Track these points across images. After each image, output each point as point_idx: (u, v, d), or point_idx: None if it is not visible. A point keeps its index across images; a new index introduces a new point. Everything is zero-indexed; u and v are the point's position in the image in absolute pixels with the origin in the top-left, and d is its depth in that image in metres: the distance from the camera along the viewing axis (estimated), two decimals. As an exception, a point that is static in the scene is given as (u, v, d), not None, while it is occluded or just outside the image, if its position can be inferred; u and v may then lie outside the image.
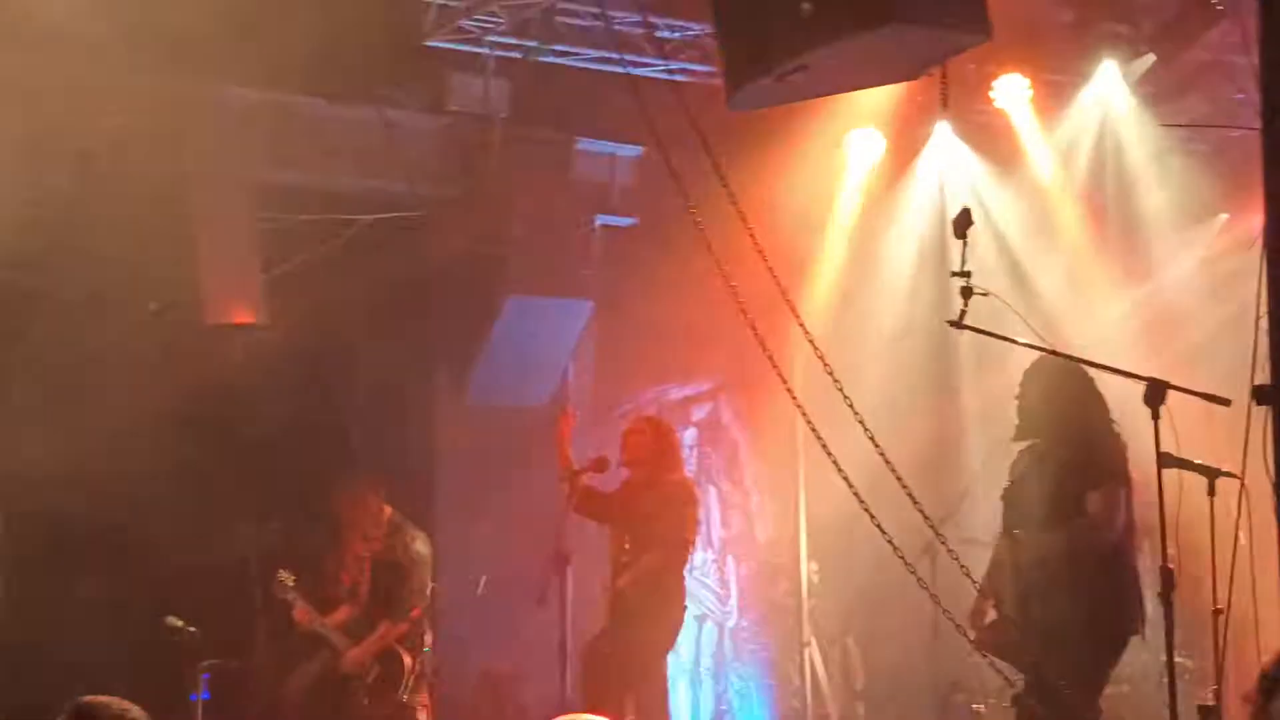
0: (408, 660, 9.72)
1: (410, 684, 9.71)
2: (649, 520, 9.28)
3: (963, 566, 7.11)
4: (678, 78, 9.02)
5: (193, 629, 9.38)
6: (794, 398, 7.00)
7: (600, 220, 11.10)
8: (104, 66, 8.86)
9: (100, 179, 9.23)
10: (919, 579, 6.81)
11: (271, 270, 10.36)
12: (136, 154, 9.29)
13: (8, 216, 8.71)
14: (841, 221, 10.75)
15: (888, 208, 10.81)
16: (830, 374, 6.95)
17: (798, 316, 7.00)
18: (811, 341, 6.87)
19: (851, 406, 6.77)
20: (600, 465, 9.48)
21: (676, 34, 9.57)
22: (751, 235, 6.91)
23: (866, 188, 10.72)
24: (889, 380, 10.37)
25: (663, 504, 9.31)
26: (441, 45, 10.11)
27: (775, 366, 6.75)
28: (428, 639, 9.91)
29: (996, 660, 7.42)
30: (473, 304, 10.79)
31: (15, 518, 9.12)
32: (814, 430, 6.92)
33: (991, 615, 7.96)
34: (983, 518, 9.93)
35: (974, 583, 7.89)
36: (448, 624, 10.31)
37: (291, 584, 9.79)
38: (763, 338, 7.12)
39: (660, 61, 7.80)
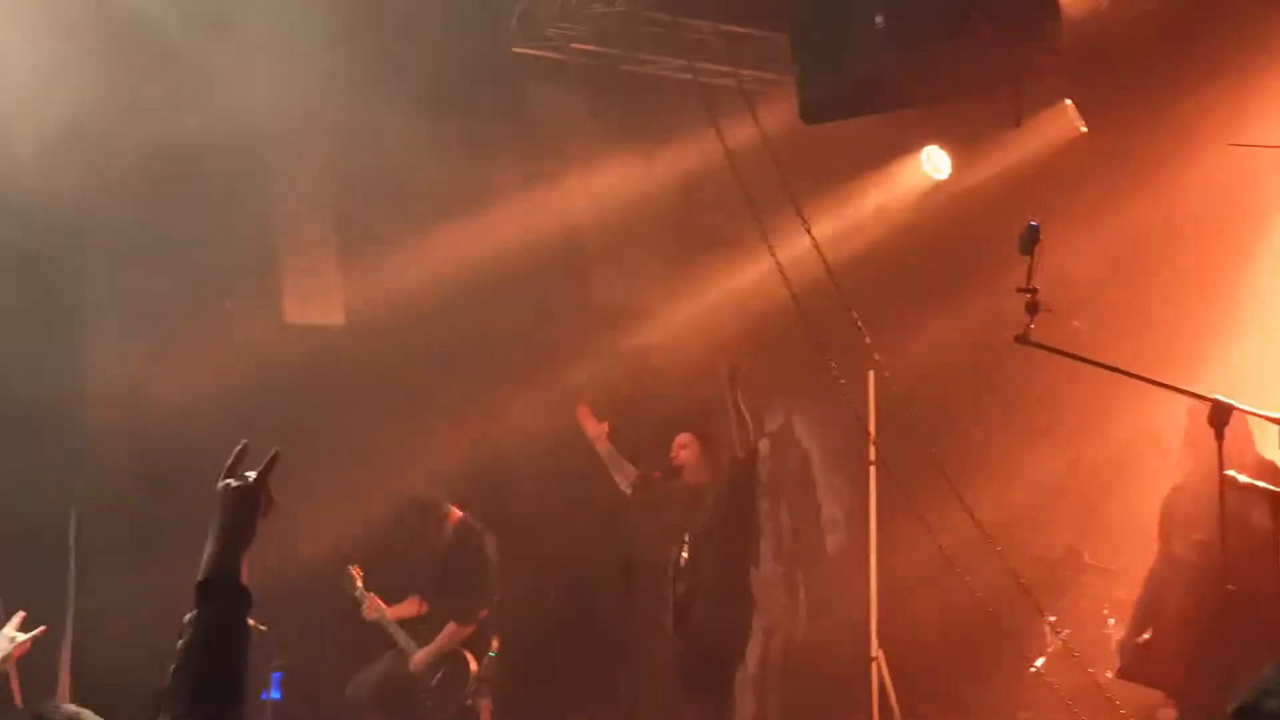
0: (473, 664, 9.76)
1: (474, 687, 9.76)
2: (709, 524, 9.33)
3: (1029, 591, 7.07)
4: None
5: (264, 628, 9.46)
6: (860, 417, 7.02)
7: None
8: (187, 68, 8.97)
9: (182, 177, 9.34)
10: (976, 594, 6.76)
11: (351, 271, 10.45)
12: (218, 154, 9.39)
13: (91, 215, 8.85)
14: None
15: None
16: (897, 393, 6.96)
17: (864, 333, 7.03)
18: (877, 359, 6.89)
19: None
20: (673, 474, 9.53)
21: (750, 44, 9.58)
22: (821, 255, 6.95)
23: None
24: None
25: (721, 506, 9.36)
26: (525, 52, 10.13)
27: (841, 381, 6.78)
28: (494, 643, 9.95)
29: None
30: (554, 303, 10.83)
31: (89, 514, 9.23)
32: (879, 452, 6.92)
33: (1145, 638, 7.96)
34: (1114, 544, 9.92)
35: (1040, 612, 7.89)
36: (515, 628, 10.34)
37: (360, 580, 9.87)
38: (830, 352, 7.17)
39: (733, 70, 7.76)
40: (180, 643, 3.33)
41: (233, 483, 3.50)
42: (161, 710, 3.23)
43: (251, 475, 3.52)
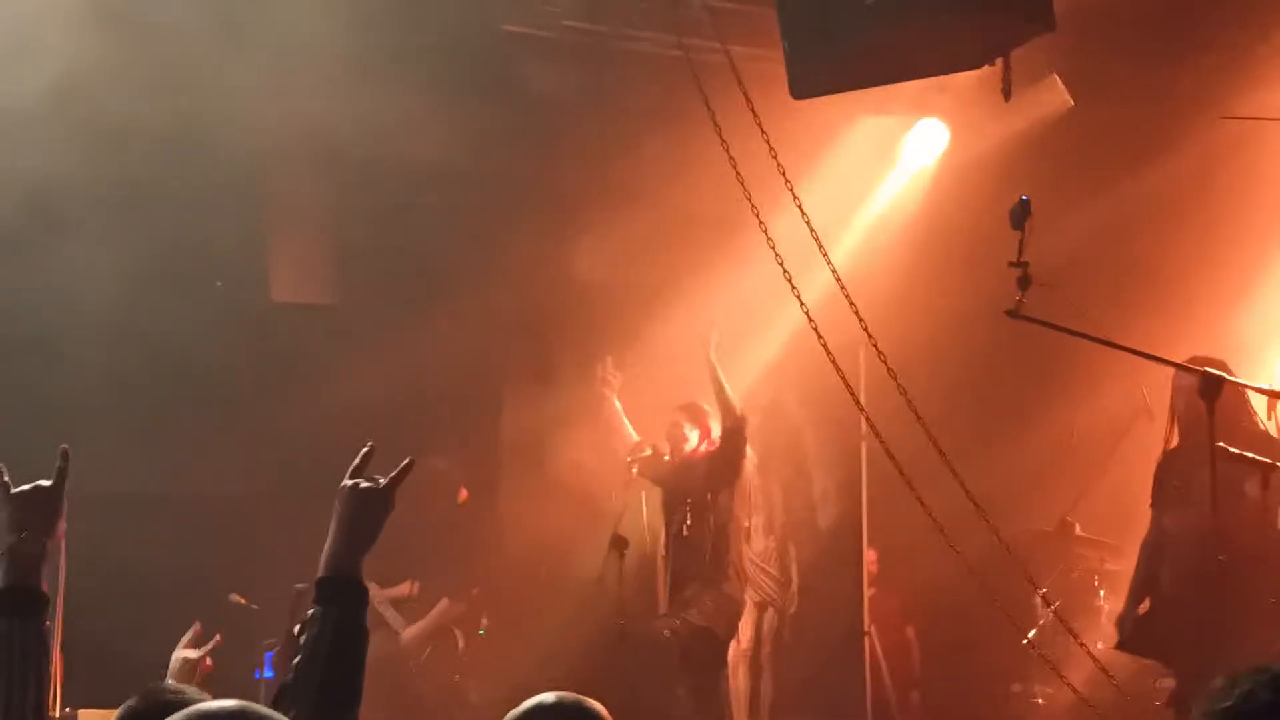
0: (461, 641, 9.77)
1: (463, 664, 9.78)
2: (701, 497, 9.38)
3: (1019, 562, 7.09)
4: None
5: (256, 606, 9.46)
6: (852, 392, 7.02)
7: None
8: (175, 47, 8.93)
9: (173, 158, 9.31)
10: (970, 567, 6.78)
11: (342, 250, 10.43)
12: (208, 132, 9.36)
13: (78, 192, 8.82)
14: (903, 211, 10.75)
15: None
16: (888, 367, 6.96)
17: (857, 312, 7.03)
18: (868, 333, 6.88)
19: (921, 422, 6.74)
20: (665, 449, 9.59)
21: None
22: (810, 227, 6.95)
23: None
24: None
25: (711, 483, 9.42)
26: (516, 29, 10.09)
27: (830, 356, 6.79)
28: (484, 620, 9.97)
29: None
30: (543, 289, 10.83)
31: (84, 498, 9.18)
32: (873, 427, 6.93)
33: (1144, 609, 8.02)
34: (1106, 515, 9.95)
35: (1033, 585, 7.91)
36: (510, 606, 10.35)
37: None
38: (821, 326, 7.16)
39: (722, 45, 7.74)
40: (303, 638, 3.37)
41: (362, 483, 3.52)
42: (284, 707, 3.26)
43: (381, 480, 3.54)
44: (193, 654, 6.82)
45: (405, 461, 3.58)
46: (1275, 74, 9.13)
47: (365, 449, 3.59)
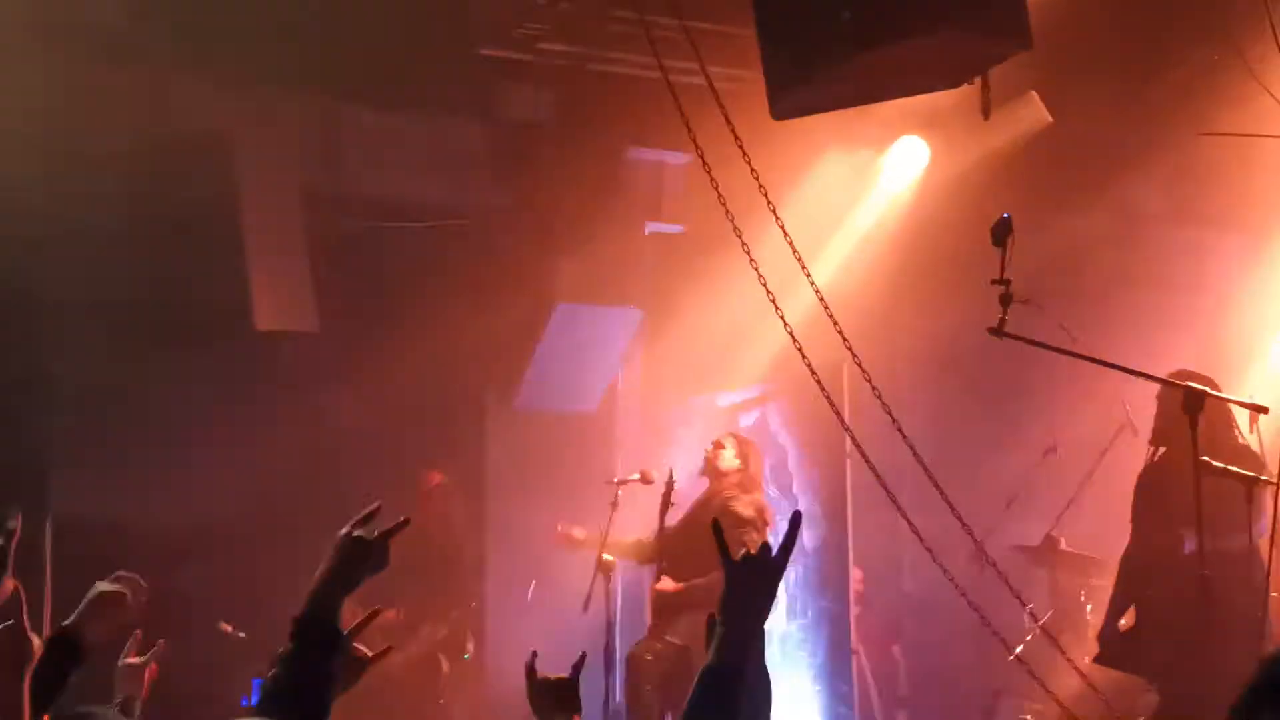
0: (445, 666, 9.74)
1: (448, 688, 9.75)
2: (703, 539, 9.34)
3: (1005, 579, 7.10)
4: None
5: (243, 634, 9.44)
6: (836, 410, 7.03)
7: (649, 228, 11.11)
8: (152, 73, 8.93)
9: (150, 186, 9.29)
10: (956, 584, 6.78)
11: (321, 277, 10.42)
12: (185, 161, 9.35)
13: (56, 223, 8.80)
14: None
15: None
16: (872, 385, 6.97)
17: (839, 329, 7.02)
18: (852, 352, 6.89)
19: (898, 425, 6.74)
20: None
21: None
22: (791, 245, 6.96)
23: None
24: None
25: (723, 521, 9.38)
26: (492, 53, 10.10)
27: (815, 375, 6.79)
28: (469, 645, 9.94)
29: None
30: (522, 311, 10.83)
31: (65, 523, 9.17)
32: (856, 444, 6.94)
33: (1125, 624, 8.04)
34: (1091, 530, 9.97)
35: (1018, 598, 7.90)
36: (495, 628, 10.34)
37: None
38: (805, 345, 7.17)
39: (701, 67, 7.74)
40: (270, 675, 3.35)
41: (359, 535, 3.52)
42: None
43: (376, 533, 3.55)
44: (135, 660, 6.82)
45: (401, 520, 3.59)
46: (1251, 90, 9.15)
47: (370, 508, 3.59)
